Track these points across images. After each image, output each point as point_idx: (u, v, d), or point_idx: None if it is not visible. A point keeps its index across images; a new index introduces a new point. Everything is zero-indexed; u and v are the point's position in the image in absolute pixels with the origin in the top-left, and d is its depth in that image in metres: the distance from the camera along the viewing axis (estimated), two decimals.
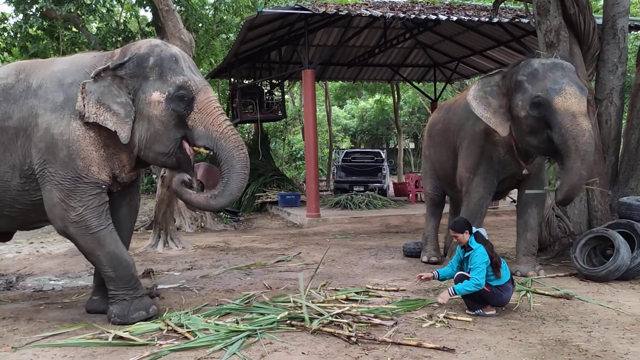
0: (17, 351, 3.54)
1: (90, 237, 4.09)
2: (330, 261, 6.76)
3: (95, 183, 4.08)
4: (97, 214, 4.09)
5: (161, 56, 4.07)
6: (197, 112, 4.05)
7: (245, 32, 11.05)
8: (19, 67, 4.40)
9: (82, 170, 4.03)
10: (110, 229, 4.17)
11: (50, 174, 4.03)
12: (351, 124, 30.35)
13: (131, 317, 4.09)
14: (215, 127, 4.06)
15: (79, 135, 4.02)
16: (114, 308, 4.16)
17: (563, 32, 6.20)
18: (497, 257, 4.24)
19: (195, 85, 4.05)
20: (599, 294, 4.83)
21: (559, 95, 4.66)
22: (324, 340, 3.68)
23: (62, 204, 4.03)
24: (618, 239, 5.18)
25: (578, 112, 4.61)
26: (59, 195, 4.03)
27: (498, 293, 4.21)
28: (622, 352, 3.39)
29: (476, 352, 3.42)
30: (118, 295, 4.17)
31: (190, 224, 10.44)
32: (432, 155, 6.63)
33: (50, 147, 4.01)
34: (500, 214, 11.32)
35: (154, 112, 4.01)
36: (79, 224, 4.05)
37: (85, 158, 4.04)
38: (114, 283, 4.17)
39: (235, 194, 4.16)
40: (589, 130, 4.59)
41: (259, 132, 15.85)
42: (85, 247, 4.15)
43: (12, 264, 7.00)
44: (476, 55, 14.91)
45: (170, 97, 4.00)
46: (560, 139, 4.64)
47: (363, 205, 12.43)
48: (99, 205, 4.11)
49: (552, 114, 4.67)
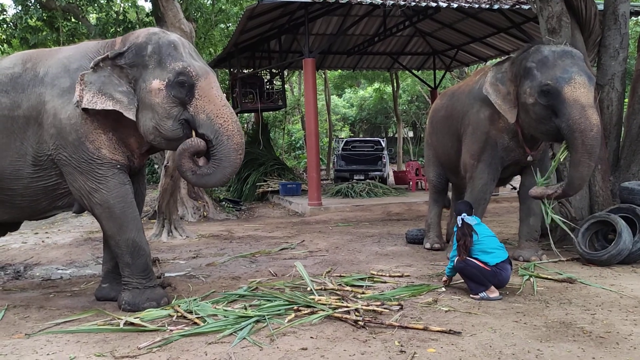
0: (31, 337, 3.60)
1: (113, 221, 4.15)
2: (334, 248, 6.83)
3: (110, 163, 4.12)
4: (120, 197, 4.13)
5: (159, 43, 4.08)
6: (198, 99, 4.05)
7: (245, 21, 11.03)
8: (25, 56, 4.43)
9: (94, 153, 4.08)
10: (134, 215, 4.21)
11: (66, 158, 4.09)
12: (350, 113, 30.31)
13: (142, 305, 4.14)
14: (219, 119, 4.04)
15: (86, 118, 4.06)
16: (126, 295, 4.21)
17: (565, 18, 6.20)
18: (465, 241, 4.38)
19: (195, 71, 4.04)
20: (601, 277, 4.89)
21: (568, 84, 4.65)
22: (331, 324, 3.74)
23: (86, 185, 4.11)
24: (620, 223, 5.24)
25: (587, 103, 4.61)
26: (81, 177, 4.10)
27: (498, 272, 4.31)
28: (626, 333, 3.46)
29: (482, 335, 3.48)
30: (131, 283, 4.22)
31: (192, 213, 10.49)
32: (435, 142, 6.66)
33: (60, 132, 4.07)
34: (501, 201, 11.39)
35: (156, 100, 4.02)
36: (102, 206, 4.12)
37: (95, 141, 4.09)
38: (129, 270, 4.21)
39: (223, 181, 4.22)
40: (597, 124, 4.58)
41: (259, 121, 15.87)
42: (108, 230, 4.21)
43: (18, 254, 7.05)
44: (476, 42, 14.87)
45: (170, 84, 4.00)
46: (568, 130, 4.65)
47: (364, 194, 12.48)
48: (120, 185, 4.15)
49: (560, 103, 4.68)
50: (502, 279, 4.35)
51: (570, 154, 4.75)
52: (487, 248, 4.41)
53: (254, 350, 3.31)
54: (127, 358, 3.21)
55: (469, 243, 4.39)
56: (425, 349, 3.25)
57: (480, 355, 3.16)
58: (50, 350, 3.36)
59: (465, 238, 4.41)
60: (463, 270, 4.39)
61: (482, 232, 4.49)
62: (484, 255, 4.37)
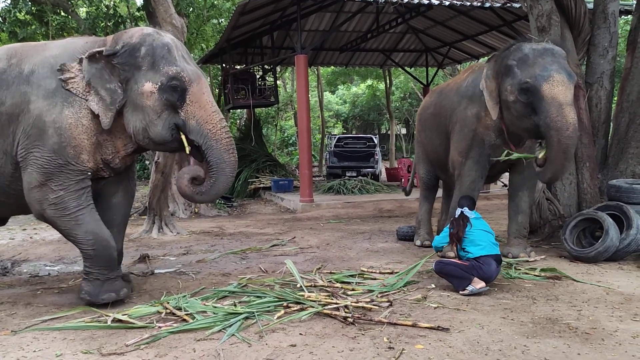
0: (17, 334, 3.58)
1: (67, 218, 4.08)
2: (325, 245, 6.84)
3: (80, 171, 4.09)
4: (76, 196, 4.08)
5: (153, 45, 4.05)
6: (189, 104, 4.04)
7: (237, 17, 11.00)
8: (10, 51, 4.34)
9: (72, 158, 4.04)
10: (89, 209, 4.16)
11: (35, 158, 4.01)
12: (343, 110, 30.31)
13: (101, 297, 4.13)
14: (207, 124, 4.04)
15: (71, 123, 4.02)
16: (86, 285, 4.19)
17: (554, 17, 6.24)
18: (457, 233, 4.53)
19: (188, 76, 4.03)
20: (588, 274, 4.93)
21: (547, 82, 4.68)
22: (321, 321, 3.75)
23: (42, 187, 4.02)
24: (607, 221, 5.28)
25: (564, 101, 4.64)
26: (39, 179, 4.01)
27: (477, 265, 4.36)
28: (611, 330, 3.49)
29: (470, 331, 3.50)
30: (92, 274, 4.19)
31: (184, 209, 10.47)
32: (424, 139, 6.68)
33: (41, 134, 4.00)
34: (492, 198, 11.44)
35: (147, 103, 4.01)
36: (57, 205, 4.05)
37: (77, 146, 4.04)
38: (90, 261, 4.18)
39: (220, 194, 4.26)
40: (573, 123, 4.61)
41: (252, 117, 15.83)
42: (64, 228, 4.14)
43: (6, 250, 7.01)
44: (468, 40, 14.92)
45: (162, 88, 3.98)
46: (545, 127, 4.69)
47: (356, 190, 12.50)
48: (79, 189, 4.10)
49: (538, 101, 4.71)
50: (483, 273, 4.36)
51: (547, 151, 4.78)
52: (477, 240, 4.49)
53: (242, 346, 3.31)
54: (114, 355, 3.20)
55: (462, 233, 4.51)
56: (413, 345, 3.27)
57: (467, 351, 3.18)
58: (37, 347, 3.34)
59: (459, 227, 4.53)
60: (442, 270, 4.48)
61: (478, 226, 4.59)
62: (471, 246, 4.47)
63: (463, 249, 4.52)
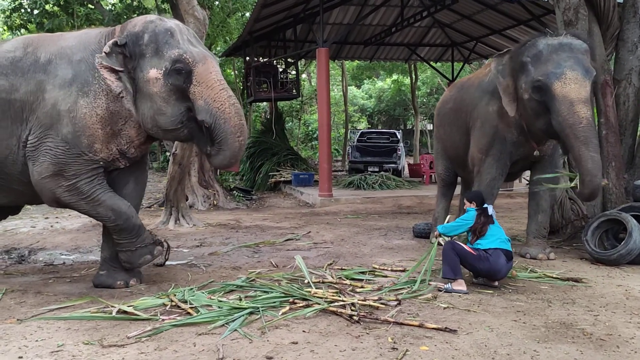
0: (22, 323, 3.59)
1: (84, 201, 4.19)
2: (339, 240, 6.76)
3: (93, 160, 4.15)
4: (89, 180, 4.17)
5: (155, 32, 4.05)
6: (196, 85, 4.01)
7: (259, 9, 10.97)
8: (26, 40, 4.41)
9: (86, 148, 4.08)
10: (104, 189, 4.25)
11: (48, 148, 4.06)
12: (368, 105, 30.11)
13: (138, 262, 4.42)
14: (216, 103, 4.01)
15: (86, 113, 4.06)
16: (122, 255, 4.41)
17: (582, 10, 6.01)
18: (481, 228, 4.39)
19: (192, 57, 4.00)
20: (609, 277, 4.75)
21: (558, 80, 4.53)
22: (325, 318, 3.67)
23: (55, 176, 4.08)
24: (631, 222, 5.08)
25: (577, 99, 4.47)
26: (53, 169, 4.07)
27: (485, 257, 4.24)
28: (628, 337, 3.33)
29: (478, 334, 3.38)
30: (123, 244, 4.37)
31: (202, 201, 10.50)
32: (442, 135, 6.54)
33: (55, 123, 4.05)
34: (515, 196, 11.16)
35: (154, 90, 4.01)
36: (71, 191, 4.14)
37: (91, 136, 4.08)
38: (117, 234, 4.33)
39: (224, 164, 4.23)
40: (586, 117, 4.45)
41: (273, 111, 15.83)
42: (84, 209, 4.28)
43: (25, 238, 7.11)
44: (495, 34, 14.62)
45: (167, 72, 3.98)
46: (559, 127, 4.55)
47: (376, 186, 12.39)
48: (92, 175, 4.18)
49: (551, 100, 4.58)
50: (490, 265, 4.25)
51: (570, 152, 4.62)
52: (489, 234, 4.40)
53: (243, 342, 3.25)
54: (114, 347, 3.17)
55: (485, 231, 4.39)
56: (418, 347, 3.17)
57: (474, 354, 3.07)
58: (40, 336, 3.34)
59: (484, 225, 4.42)
60: (446, 252, 4.35)
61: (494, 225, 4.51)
62: (482, 238, 4.38)
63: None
